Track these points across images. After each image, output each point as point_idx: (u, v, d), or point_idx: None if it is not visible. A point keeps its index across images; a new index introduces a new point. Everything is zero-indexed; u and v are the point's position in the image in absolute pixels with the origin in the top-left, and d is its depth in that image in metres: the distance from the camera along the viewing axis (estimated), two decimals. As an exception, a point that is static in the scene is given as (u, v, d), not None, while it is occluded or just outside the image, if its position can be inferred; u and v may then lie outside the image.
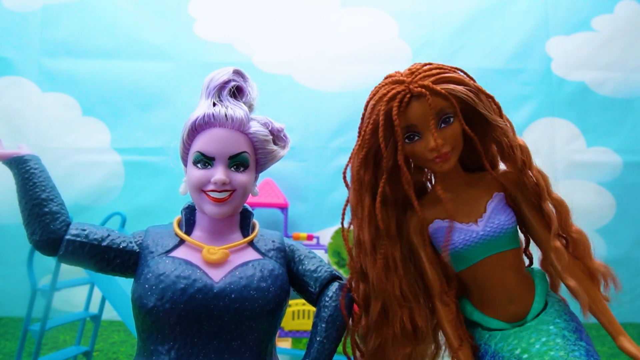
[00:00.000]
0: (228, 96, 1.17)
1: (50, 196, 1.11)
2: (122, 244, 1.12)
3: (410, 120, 1.08)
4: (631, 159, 4.18)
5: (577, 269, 1.13)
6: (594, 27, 4.32)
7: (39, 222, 1.08)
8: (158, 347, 1.05)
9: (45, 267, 3.13)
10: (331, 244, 3.95)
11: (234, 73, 1.19)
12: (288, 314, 3.54)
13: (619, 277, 4.19)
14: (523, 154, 1.14)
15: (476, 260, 1.15)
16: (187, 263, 1.08)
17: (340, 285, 1.20)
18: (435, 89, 1.07)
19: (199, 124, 1.13)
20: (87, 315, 2.64)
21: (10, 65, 4.02)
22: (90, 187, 3.99)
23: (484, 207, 1.16)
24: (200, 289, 1.04)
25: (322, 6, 4.33)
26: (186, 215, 1.20)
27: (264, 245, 1.20)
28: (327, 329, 1.12)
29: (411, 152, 1.12)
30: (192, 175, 1.13)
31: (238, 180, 1.13)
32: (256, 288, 1.07)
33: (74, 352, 2.53)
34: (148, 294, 1.04)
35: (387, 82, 1.15)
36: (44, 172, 1.15)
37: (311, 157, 4.19)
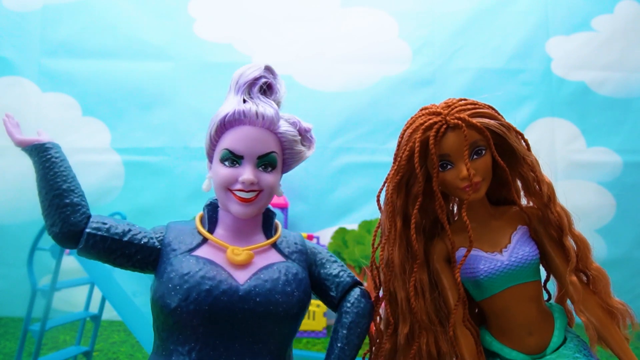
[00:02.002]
0: (259, 93, 1.14)
1: (71, 187, 1.08)
2: (143, 240, 1.09)
3: (444, 149, 1.13)
4: (631, 159, 4.18)
5: (595, 305, 1.16)
6: (594, 27, 4.32)
7: (60, 214, 1.04)
8: (178, 347, 1.03)
9: (45, 267, 3.13)
10: (331, 244, 3.95)
11: (265, 69, 1.16)
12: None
13: (619, 277, 4.20)
14: (549, 190, 1.18)
15: (498, 290, 1.17)
16: (211, 263, 1.05)
17: (362, 291, 1.20)
18: (471, 121, 1.12)
19: (228, 121, 1.09)
20: (87, 315, 2.63)
21: (10, 65, 4.02)
22: (90, 187, 3.98)
23: (508, 239, 1.20)
24: (226, 291, 1.02)
25: (322, 6, 4.33)
26: (209, 213, 1.17)
27: (286, 247, 1.17)
28: (348, 335, 1.12)
29: (443, 180, 1.16)
30: (220, 173, 1.09)
31: (266, 181, 1.10)
32: (281, 292, 1.06)
33: (74, 352, 2.53)
34: (172, 293, 1.01)
35: (424, 113, 1.18)
36: (64, 162, 1.11)
37: (311, 157, 4.10)
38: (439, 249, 1.24)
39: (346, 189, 4.14)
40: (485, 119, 1.15)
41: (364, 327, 1.14)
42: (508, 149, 1.18)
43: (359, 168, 4.12)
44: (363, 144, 4.17)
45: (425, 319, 1.18)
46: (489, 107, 1.21)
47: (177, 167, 3.96)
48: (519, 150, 1.17)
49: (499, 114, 1.21)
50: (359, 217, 4.02)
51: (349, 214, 4.09)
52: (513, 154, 1.18)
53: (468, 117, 1.12)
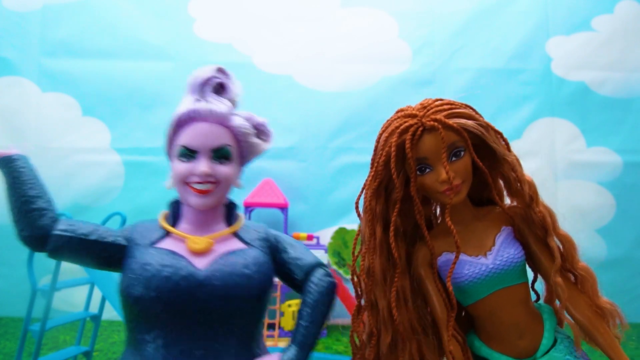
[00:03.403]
0: (211, 92, 1.20)
1: (38, 193, 1.13)
2: (109, 238, 1.15)
3: (422, 152, 1.10)
4: (631, 159, 4.18)
5: (584, 305, 1.14)
6: (594, 27, 4.31)
7: (27, 219, 1.10)
8: (145, 335, 1.07)
9: (45, 267, 3.11)
10: (331, 244, 3.94)
11: (216, 70, 1.22)
12: (288, 314, 3.53)
13: (619, 277, 4.20)
14: (531, 190, 1.16)
15: (485, 294, 1.15)
16: (171, 253, 1.11)
17: (324, 272, 1.23)
18: (448, 122, 1.10)
19: (182, 119, 1.16)
20: (87, 315, 2.63)
21: (10, 65, 4.02)
22: (90, 187, 3.99)
23: (492, 241, 1.17)
24: (185, 276, 1.06)
25: (322, 6, 4.33)
26: (173, 209, 1.23)
27: (248, 236, 1.23)
28: (312, 314, 1.14)
29: (422, 184, 1.14)
30: (177, 168, 1.17)
31: (221, 172, 1.16)
32: (240, 274, 1.10)
33: (74, 352, 2.52)
34: (134, 283, 1.06)
35: (399, 115, 1.17)
36: (32, 171, 1.17)
37: (311, 157, 4.19)
38: (423, 255, 1.21)
39: (346, 189, 4.13)
40: (462, 120, 1.12)
41: (327, 305, 1.18)
42: (488, 148, 1.15)
43: (359, 168, 4.11)
44: (363, 144, 4.16)
45: (408, 327, 1.15)
46: (466, 106, 1.18)
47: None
48: (498, 151, 1.15)
49: (477, 113, 1.18)
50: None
51: (349, 214, 4.08)
52: (493, 154, 1.16)
53: (444, 119, 1.10)
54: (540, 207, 1.16)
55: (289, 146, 4.13)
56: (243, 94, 1.28)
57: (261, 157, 1.33)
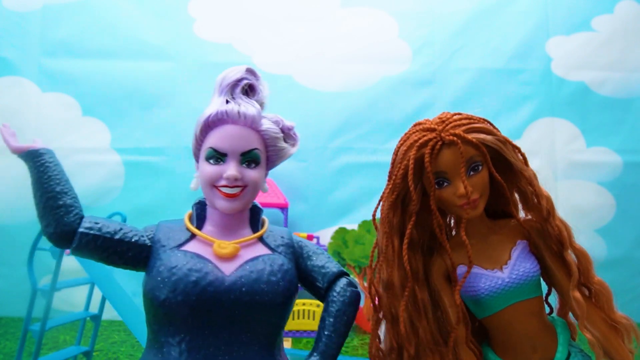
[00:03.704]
0: (240, 94, 1.18)
1: (64, 189, 1.12)
2: (134, 238, 1.14)
3: (440, 167, 1.11)
4: (631, 159, 4.18)
5: (599, 319, 1.13)
6: (594, 27, 4.32)
7: (54, 215, 1.09)
8: (169, 339, 1.06)
9: (45, 267, 3.12)
10: (331, 243, 3.94)
11: (247, 71, 1.21)
12: (288, 314, 3.54)
13: (619, 277, 4.20)
14: (548, 204, 1.16)
15: (501, 307, 1.15)
16: (198, 257, 1.10)
17: (348, 281, 1.22)
18: (467, 137, 1.10)
19: (212, 121, 1.14)
20: (87, 315, 2.63)
21: (10, 65, 4.02)
22: (90, 187, 3.99)
23: (508, 254, 1.18)
24: (212, 282, 1.06)
25: (322, 6, 4.33)
26: (197, 211, 1.21)
27: (273, 241, 1.21)
28: (335, 323, 1.14)
29: (440, 197, 1.14)
30: (205, 171, 1.14)
31: (249, 177, 1.14)
32: (266, 282, 1.09)
33: (74, 352, 2.53)
34: (160, 286, 1.05)
35: (418, 129, 1.16)
36: (58, 166, 1.16)
37: (311, 157, 4.19)
38: (438, 266, 1.21)
39: (346, 189, 4.14)
40: (481, 135, 1.13)
41: (350, 315, 1.17)
42: (505, 162, 1.16)
43: (359, 168, 4.12)
44: (363, 144, 4.16)
45: (430, 339, 1.16)
46: (484, 121, 1.19)
47: (177, 167, 3.95)
48: (516, 165, 1.16)
49: (495, 127, 1.20)
50: (359, 217, 4.01)
51: (349, 214, 4.08)
52: (510, 168, 1.16)
53: (463, 133, 1.10)
54: (557, 221, 1.16)
55: (289, 146, 4.13)
56: None
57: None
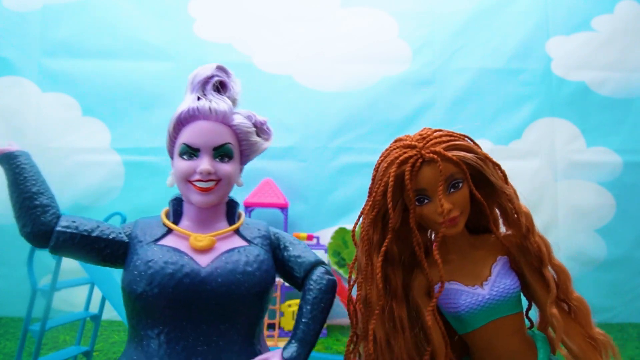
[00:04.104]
0: (212, 90, 1.21)
1: (40, 190, 1.14)
2: (111, 235, 1.16)
3: (420, 184, 1.11)
4: (631, 159, 4.18)
5: (577, 335, 1.15)
6: (594, 27, 4.32)
7: (30, 215, 1.11)
8: (148, 331, 1.08)
9: (45, 267, 3.12)
10: (331, 244, 3.94)
11: (217, 69, 1.23)
12: (288, 314, 3.54)
13: (619, 277, 4.20)
14: (527, 220, 1.17)
15: (481, 323, 1.16)
16: (174, 250, 1.12)
17: (325, 270, 1.24)
18: (447, 155, 1.10)
19: (184, 117, 1.17)
20: (87, 315, 2.63)
21: (10, 65, 4.02)
22: (90, 187, 3.99)
23: (489, 270, 1.18)
24: (188, 273, 1.08)
25: (322, 6, 4.33)
26: (174, 206, 1.24)
27: (249, 233, 1.24)
28: (312, 311, 1.16)
29: (420, 214, 1.15)
30: (178, 166, 1.18)
31: (223, 170, 1.17)
32: (242, 272, 1.12)
33: (74, 352, 2.53)
34: (137, 279, 1.07)
35: (398, 145, 1.16)
36: (34, 167, 1.17)
37: (311, 157, 4.19)
38: (419, 283, 1.21)
39: (346, 189, 4.13)
40: (461, 152, 1.13)
41: (327, 302, 1.19)
42: (486, 179, 1.17)
43: (359, 168, 4.12)
44: (363, 144, 4.16)
45: (406, 357, 1.16)
46: (465, 138, 1.19)
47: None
48: (496, 183, 1.16)
49: (475, 144, 1.20)
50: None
51: (349, 214, 4.08)
52: (491, 183, 1.17)
53: (443, 151, 1.10)
54: (536, 238, 1.17)
55: (289, 146, 4.13)
56: (243, 93, 1.28)
57: (261, 157, 1.34)
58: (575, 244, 4.03)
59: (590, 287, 3.94)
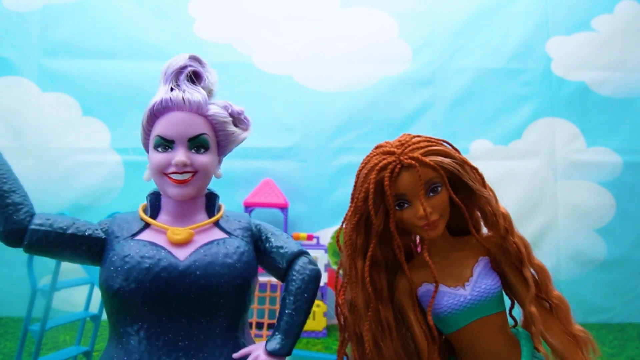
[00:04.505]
0: (185, 81, 1.18)
1: (12, 188, 1.10)
2: (87, 231, 1.13)
3: (400, 189, 1.14)
4: (631, 159, 4.18)
5: (559, 331, 1.17)
6: (594, 27, 4.31)
7: (2, 214, 1.07)
8: (127, 328, 1.07)
9: (45, 267, 3.12)
10: (331, 244, 3.94)
11: (190, 59, 1.21)
12: (288, 314, 3.53)
13: (619, 277, 4.20)
14: (505, 222, 1.20)
15: (464, 324, 1.18)
16: (151, 244, 1.10)
17: (308, 260, 1.23)
18: (424, 160, 1.13)
19: (157, 109, 1.15)
20: (87, 315, 2.63)
21: (10, 65, 4.01)
22: (90, 187, 3.99)
23: (470, 271, 1.21)
24: (165, 267, 1.06)
25: (322, 6, 4.33)
26: (151, 201, 1.22)
27: (230, 226, 1.22)
28: (295, 301, 1.15)
29: (401, 219, 1.17)
30: (153, 159, 1.16)
31: (199, 162, 1.14)
32: (221, 264, 1.10)
33: (74, 352, 2.52)
34: (113, 275, 1.05)
35: (378, 152, 1.19)
36: (4, 165, 1.14)
37: (311, 157, 4.18)
38: (403, 285, 1.23)
39: (346, 189, 4.10)
40: (439, 157, 1.15)
41: (311, 292, 1.18)
42: (465, 182, 1.19)
43: (359, 168, 4.11)
44: (363, 144, 4.16)
45: (395, 358, 1.18)
46: (443, 142, 1.22)
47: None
48: (474, 187, 1.18)
49: (454, 148, 1.22)
50: (359, 217, 4.01)
51: (349, 214, 4.08)
52: (470, 188, 1.19)
53: (421, 157, 1.13)
54: (515, 239, 1.20)
55: (289, 146, 4.13)
56: (243, 93, 1.27)
57: (261, 157, 1.33)
58: (575, 244, 4.03)
59: (590, 287, 3.94)
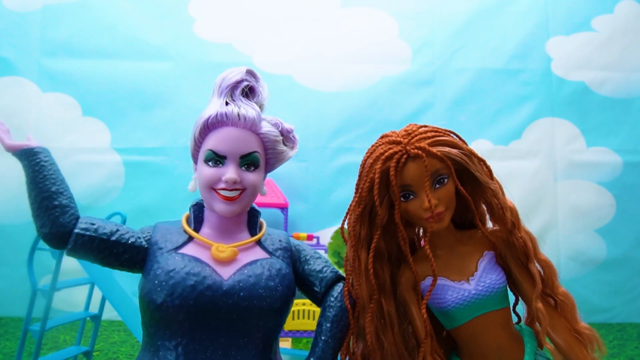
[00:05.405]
0: (240, 96, 1.16)
1: (60, 189, 1.11)
2: (130, 239, 1.12)
3: (406, 180, 1.11)
4: (631, 159, 4.18)
5: (564, 329, 1.15)
6: (594, 27, 4.31)
7: (49, 215, 1.07)
8: (165, 342, 1.05)
9: (45, 267, 3.13)
10: (331, 244, 3.94)
11: (247, 73, 1.19)
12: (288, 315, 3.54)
13: (619, 277, 4.20)
14: (512, 216, 1.17)
15: (468, 319, 1.16)
16: (196, 260, 1.09)
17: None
18: (432, 151, 1.10)
19: (211, 123, 1.13)
20: (87, 315, 2.63)
21: (10, 65, 4.01)
22: (90, 187, 3.99)
23: (475, 266, 1.19)
24: (210, 286, 1.05)
25: (322, 6, 4.33)
26: (195, 212, 1.20)
27: (271, 245, 1.21)
28: (332, 329, 1.14)
29: (406, 210, 1.15)
30: (204, 173, 1.13)
31: (248, 180, 1.13)
32: (264, 287, 1.08)
33: (74, 352, 2.53)
34: (158, 289, 1.04)
35: (384, 141, 1.16)
36: (53, 165, 1.14)
37: (311, 157, 4.18)
38: (406, 278, 1.22)
39: (346, 189, 4.13)
40: (446, 148, 1.13)
41: (347, 320, 1.17)
42: (472, 174, 1.17)
43: (359, 168, 4.11)
44: (363, 144, 4.15)
45: (395, 352, 1.16)
46: (450, 133, 1.19)
47: (177, 167, 3.95)
48: (481, 179, 1.16)
49: (461, 139, 1.20)
50: (359, 217, 4.01)
51: (349, 214, 4.08)
52: (477, 180, 1.17)
53: (428, 147, 1.10)
54: (522, 233, 1.18)
55: (289, 146, 4.13)
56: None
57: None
58: (575, 244, 4.02)
59: (590, 287, 3.94)
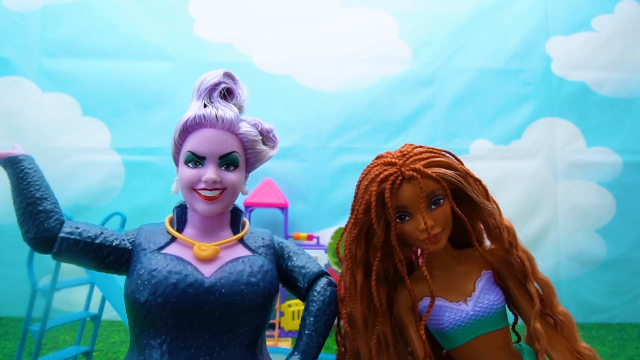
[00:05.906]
0: (218, 98, 1.19)
1: (44, 195, 1.13)
2: (114, 242, 1.15)
3: (401, 201, 1.11)
4: (631, 159, 4.18)
5: (563, 348, 1.14)
6: (594, 27, 4.32)
7: (34, 221, 1.10)
8: (150, 341, 1.07)
9: (45, 267, 3.13)
10: (331, 244, 3.94)
11: (224, 75, 1.22)
12: (288, 314, 3.54)
13: (619, 277, 4.20)
14: (510, 235, 1.16)
15: (466, 340, 1.15)
16: (178, 259, 1.11)
17: (328, 281, 1.23)
18: (427, 172, 1.10)
19: (190, 125, 1.16)
20: (87, 315, 2.63)
21: (10, 65, 4.02)
22: (90, 187, 3.99)
23: (472, 286, 1.18)
24: (192, 284, 1.07)
25: (322, 6, 4.33)
26: (178, 214, 1.22)
27: (253, 243, 1.23)
28: (315, 323, 1.15)
29: (402, 231, 1.14)
30: (184, 174, 1.16)
31: (228, 179, 1.15)
32: (246, 283, 1.10)
33: (74, 352, 2.53)
34: (140, 289, 1.06)
35: (379, 162, 1.16)
36: (37, 172, 1.16)
37: (311, 157, 4.19)
38: (404, 299, 1.20)
39: (346, 189, 4.14)
40: (441, 169, 1.12)
41: (330, 314, 1.19)
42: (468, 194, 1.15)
43: (359, 168, 4.01)
44: (363, 144, 4.17)
45: None
46: (445, 154, 1.18)
47: (177, 167, 3.95)
48: (477, 200, 1.15)
49: (457, 159, 1.19)
50: (359, 217, 4.01)
51: (348, 214, 4.08)
52: (474, 199, 1.16)
53: (423, 168, 1.10)
54: (520, 252, 1.16)
55: (289, 146, 4.13)
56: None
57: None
58: (575, 244, 4.03)
59: (590, 287, 3.95)
